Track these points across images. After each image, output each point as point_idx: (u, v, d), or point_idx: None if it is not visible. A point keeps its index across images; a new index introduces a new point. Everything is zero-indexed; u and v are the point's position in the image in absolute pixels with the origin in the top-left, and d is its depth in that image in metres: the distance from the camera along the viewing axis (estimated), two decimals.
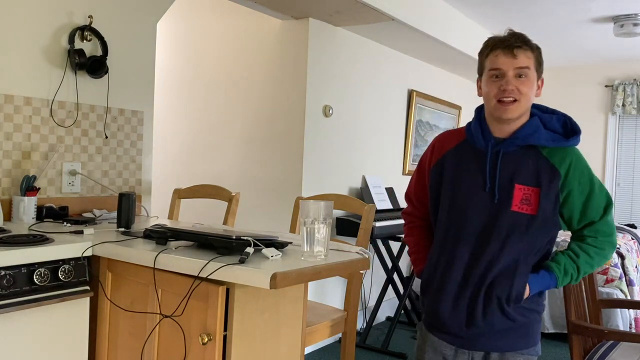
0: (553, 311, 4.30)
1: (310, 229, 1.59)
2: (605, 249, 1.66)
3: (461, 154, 1.70)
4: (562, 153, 1.61)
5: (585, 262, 1.64)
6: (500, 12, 4.38)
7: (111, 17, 2.64)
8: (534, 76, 1.60)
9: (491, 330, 1.64)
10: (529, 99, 1.60)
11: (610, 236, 1.66)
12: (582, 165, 1.62)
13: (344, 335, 2.39)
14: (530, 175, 1.60)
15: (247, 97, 4.02)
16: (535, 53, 1.60)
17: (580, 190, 1.61)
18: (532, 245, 1.62)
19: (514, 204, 1.60)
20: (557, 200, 1.60)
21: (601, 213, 1.64)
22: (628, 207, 6.06)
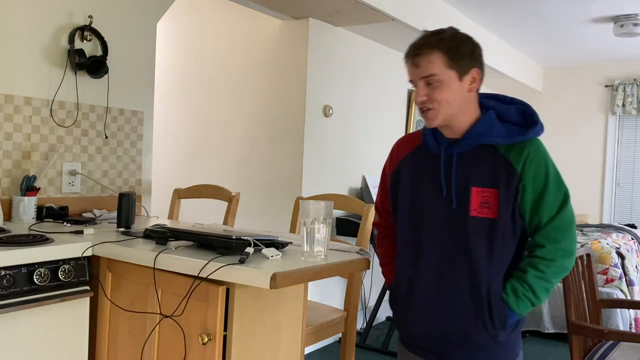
0: (553, 311, 4.30)
1: (310, 229, 1.59)
2: (556, 260, 1.46)
3: (417, 159, 1.60)
4: (519, 147, 1.47)
5: (535, 277, 1.46)
6: (500, 12, 4.38)
7: (111, 17, 2.64)
8: (450, 77, 1.45)
9: (466, 346, 1.53)
10: (449, 102, 1.46)
11: (559, 242, 1.46)
12: (539, 158, 1.47)
13: (344, 335, 2.39)
14: (487, 176, 1.47)
15: (247, 97, 4.02)
16: (443, 52, 1.44)
17: (533, 187, 1.46)
18: (498, 253, 1.48)
19: (472, 209, 1.48)
20: (516, 200, 1.47)
21: (553, 213, 1.47)
22: (628, 207, 6.06)
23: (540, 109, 6.51)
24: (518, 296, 1.48)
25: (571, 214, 1.48)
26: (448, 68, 1.45)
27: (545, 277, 1.46)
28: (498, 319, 1.49)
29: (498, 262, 1.49)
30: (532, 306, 1.49)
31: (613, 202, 6.12)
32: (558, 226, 1.47)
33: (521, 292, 1.48)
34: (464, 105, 1.49)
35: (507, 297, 1.49)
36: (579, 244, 4.45)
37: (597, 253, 4.24)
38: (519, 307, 1.49)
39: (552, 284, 1.48)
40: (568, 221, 1.47)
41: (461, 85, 1.47)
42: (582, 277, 2.71)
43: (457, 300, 1.52)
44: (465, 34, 1.51)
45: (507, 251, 1.50)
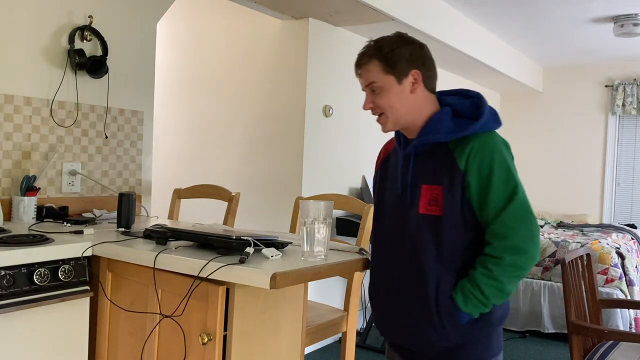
0: (553, 311, 4.31)
1: (310, 229, 1.58)
2: (504, 258, 1.40)
3: (390, 161, 1.65)
4: (464, 143, 1.45)
5: (482, 275, 1.42)
6: (500, 12, 4.38)
7: (111, 17, 2.64)
8: (389, 82, 1.50)
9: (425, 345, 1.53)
10: (393, 107, 1.50)
11: (506, 239, 1.40)
12: (484, 152, 1.43)
13: (344, 335, 2.39)
14: (434, 174, 1.48)
15: (247, 97, 4.02)
16: (378, 58, 1.50)
17: (478, 181, 1.43)
18: (447, 250, 1.47)
19: (422, 206, 1.49)
20: (463, 197, 1.44)
21: (499, 208, 1.41)
22: (628, 207, 6.06)
23: (540, 109, 6.52)
24: (465, 294, 1.45)
25: (521, 209, 1.41)
26: (385, 74, 1.50)
27: (493, 275, 1.41)
28: (447, 318, 1.47)
29: (448, 260, 1.47)
30: (483, 306, 1.44)
31: (613, 202, 6.12)
32: (505, 222, 1.41)
33: (468, 290, 1.44)
34: (411, 107, 1.52)
35: (455, 295, 1.46)
36: (579, 243, 4.46)
37: (597, 253, 4.24)
38: (466, 306, 1.45)
39: (503, 283, 1.41)
40: (517, 217, 1.41)
41: (401, 88, 1.51)
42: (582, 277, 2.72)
43: (408, 300, 1.52)
44: (406, 38, 1.54)
45: (457, 248, 1.47)
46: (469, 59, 4.78)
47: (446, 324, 1.47)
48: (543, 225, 5.67)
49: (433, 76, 1.57)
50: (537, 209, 6.45)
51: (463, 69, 5.35)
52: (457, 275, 1.48)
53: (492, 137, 1.47)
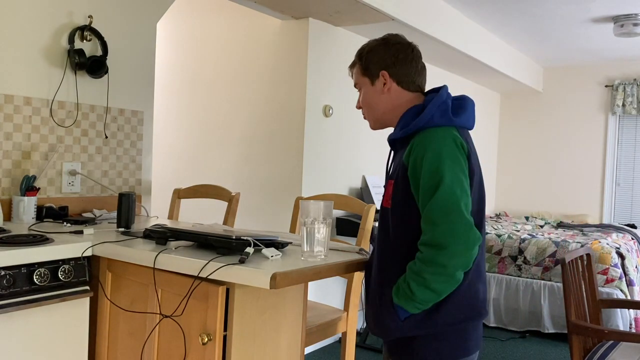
0: (553, 311, 4.31)
1: (310, 229, 1.59)
2: (424, 252, 1.37)
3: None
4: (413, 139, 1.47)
5: (410, 270, 1.40)
6: (500, 12, 4.38)
7: (111, 17, 2.64)
8: (365, 82, 1.61)
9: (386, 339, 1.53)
10: (370, 106, 1.62)
11: (425, 234, 1.38)
12: (420, 148, 1.43)
13: (344, 335, 2.39)
14: (394, 170, 1.54)
15: (247, 97, 4.02)
16: (359, 62, 1.63)
17: (413, 177, 1.44)
18: (393, 241, 1.49)
19: (385, 200, 1.54)
20: (408, 192, 1.45)
21: (425, 201, 1.39)
22: (628, 207, 6.06)
23: (540, 109, 6.52)
24: (397, 288, 1.44)
25: (444, 203, 1.36)
26: (363, 76, 1.63)
27: (415, 269, 1.39)
28: (387, 311, 1.47)
29: (393, 252, 1.49)
30: (413, 302, 1.40)
31: (613, 202, 6.12)
32: (427, 217, 1.38)
33: (400, 284, 1.44)
34: (387, 106, 1.60)
35: (393, 289, 1.46)
36: (579, 243, 4.46)
37: (597, 253, 4.24)
38: (398, 300, 1.43)
39: (426, 279, 1.36)
40: (439, 211, 1.36)
41: (374, 89, 1.61)
42: (582, 277, 2.72)
43: (369, 291, 1.59)
44: (386, 40, 1.62)
45: (401, 242, 1.47)
46: (469, 59, 4.77)
47: (385, 315, 1.47)
48: (543, 225, 5.68)
49: (410, 75, 1.59)
50: (537, 209, 6.45)
51: (463, 69, 5.35)
52: (403, 270, 1.46)
53: (433, 132, 1.45)
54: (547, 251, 4.50)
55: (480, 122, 6.31)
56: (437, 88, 1.61)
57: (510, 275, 4.59)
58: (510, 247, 4.65)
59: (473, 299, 1.48)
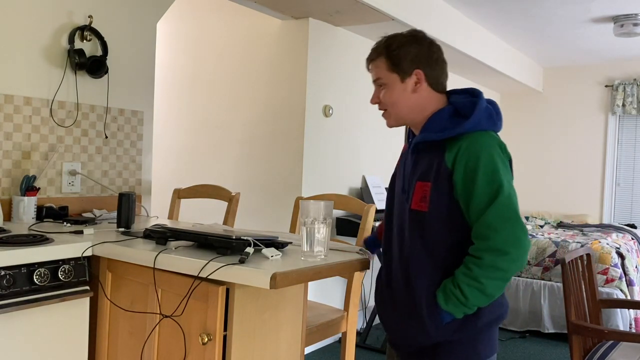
0: (553, 311, 4.31)
1: (310, 229, 1.59)
2: (484, 258, 1.37)
3: (402, 157, 1.67)
4: (455, 142, 1.45)
5: (463, 275, 1.40)
6: (500, 12, 4.38)
7: (111, 17, 2.64)
8: (393, 79, 1.53)
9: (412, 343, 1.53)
10: (396, 103, 1.54)
11: (487, 240, 1.38)
12: (471, 151, 1.42)
13: (344, 335, 2.39)
14: (426, 171, 1.49)
15: (247, 97, 4.02)
16: (385, 56, 1.53)
17: (464, 181, 1.42)
18: (433, 247, 1.47)
19: (414, 202, 1.50)
20: (451, 196, 1.44)
21: (482, 208, 1.40)
22: (628, 207, 6.06)
23: (540, 109, 6.52)
24: (446, 293, 1.43)
25: (505, 209, 1.38)
26: (390, 72, 1.54)
27: (473, 275, 1.38)
28: (429, 315, 1.46)
29: (433, 257, 1.47)
30: (464, 306, 1.42)
31: (613, 202, 6.12)
32: (487, 223, 1.38)
33: (449, 289, 1.43)
34: (414, 105, 1.55)
35: (438, 294, 1.45)
36: (579, 243, 4.46)
37: (597, 253, 4.24)
38: (447, 305, 1.43)
39: (483, 284, 1.38)
40: (500, 218, 1.37)
41: (404, 87, 1.53)
42: (582, 277, 2.72)
43: (397, 295, 1.54)
44: (416, 37, 1.57)
45: (442, 246, 1.47)
46: (469, 59, 4.77)
47: (427, 320, 1.46)
48: (543, 225, 5.68)
49: (440, 76, 1.58)
50: (537, 209, 6.44)
51: (463, 69, 5.35)
52: (443, 273, 1.47)
53: (482, 137, 1.45)
54: (547, 251, 4.50)
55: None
56: (458, 90, 1.61)
57: None
58: None
59: (503, 299, 1.54)
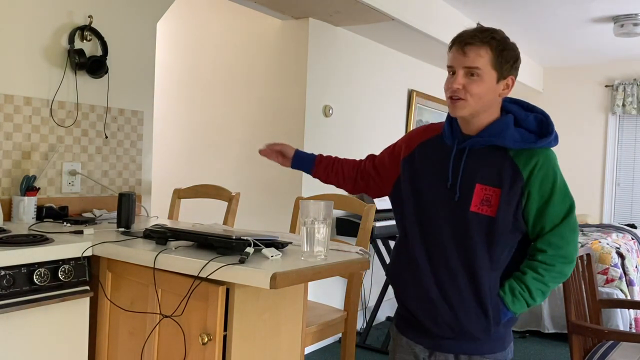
0: (553, 311, 4.30)
1: (310, 229, 1.59)
2: (556, 265, 1.52)
3: (431, 147, 1.64)
4: (529, 154, 1.52)
5: (534, 279, 1.52)
6: (500, 12, 4.38)
7: (111, 17, 2.64)
8: (491, 76, 1.50)
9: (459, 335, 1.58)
10: (481, 99, 1.50)
11: (560, 249, 1.52)
12: (548, 168, 1.52)
13: (344, 335, 2.39)
14: (493, 176, 1.52)
15: (247, 97, 4.02)
16: (493, 49, 1.48)
17: (539, 194, 1.51)
18: (496, 250, 1.53)
19: (473, 204, 1.52)
20: (519, 204, 1.52)
21: (557, 222, 1.52)
22: (628, 207, 6.06)
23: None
24: (515, 295, 1.54)
25: (575, 224, 1.54)
26: (492, 67, 1.50)
27: (544, 280, 1.52)
28: (493, 315, 1.54)
29: (496, 259, 1.54)
30: (527, 307, 1.55)
31: (613, 202, 6.12)
32: (561, 234, 1.52)
33: (518, 292, 1.53)
34: (490, 105, 1.54)
35: (504, 295, 1.54)
36: (579, 243, 4.46)
37: (597, 253, 4.24)
38: (514, 306, 1.54)
39: (549, 287, 1.54)
40: (571, 230, 1.53)
41: (496, 87, 1.52)
42: (582, 277, 2.71)
43: (454, 291, 1.56)
44: (513, 42, 1.55)
45: (505, 250, 1.55)
46: None
47: (492, 320, 1.54)
48: None
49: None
50: None
51: None
52: (500, 275, 1.56)
53: (553, 155, 1.56)
54: None
55: None
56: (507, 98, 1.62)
57: None
58: None
59: None
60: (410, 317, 1.67)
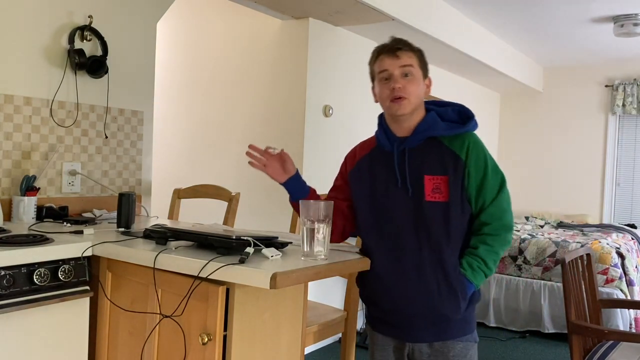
0: (553, 311, 4.31)
1: (310, 229, 1.59)
2: (500, 234, 1.70)
3: (374, 158, 1.81)
4: (460, 139, 1.71)
5: (486, 251, 1.69)
6: (500, 12, 4.38)
7: (111, 17, 2.64)
8: (420, 74, 1.73)
9: (431, 319, 1.71)
10: (417, 96, 1.71)
11: (500, 219, 1.70)
12: (478, 148, 1.70)
13: (344, 335, 2.39)
14: (437, 165, 1.69)
15: (247, 97, 4.02)
16: (417, 54, 1.73)
17: (476, 171, 1.68)
18: (453, 232, 1.68)
19: (426, 194, 1.69)
20: (463, 184, 1.68)
21: (494, 194, 1.69)
22: (628, 207, 6.06)
23: (540, 109, 6.52)
24: (474, 269, 1.69)
25: (508, 195, 1.73)
26: (419, 67, 1.74)
27: (494, 249, 1.70)
28: (460, 290, 1.68)
29: (454, 240, 1.69)
30: (485, 277, 1.71)
31: (613, 202, 6.12)
32: (499, 205, 1.70)
33: (476, 265, 1.69)
34: (421, 103, 1.75)
35: (465, 271, 1.69)
36: (579, 243, 4.46)
37: (597, 253, 4.24)
38: (475, 279, 1.69)
39: (499, 255, 1.71)
40: (507, 201, 1.72)
41: (423, 85, 1.75)
42: (582, 277, 2.71)
43: (422, 276, 1.69)
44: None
45: (459, 230, 1.71)
46: (469, 59, 4.77)
47: (459, 296, 1.68)
48: (543, 225, 5.67)
49: None
50: (537, 209, 6.44)
51: (463, 69, 5.35)
52: (459, 253, 1.71)
53: (478, 137, 1.74)
54: (547, 251, 4.50)
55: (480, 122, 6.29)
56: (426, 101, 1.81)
57: (510, 275, 4.59)
58: (510, 247, 4.65)
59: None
60: (383, 315, 1.79)
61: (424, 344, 1.74)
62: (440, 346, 1.73)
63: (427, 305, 1.69)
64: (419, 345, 1.75)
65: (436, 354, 1.73)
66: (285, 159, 1.84)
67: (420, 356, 1.75)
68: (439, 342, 1.73)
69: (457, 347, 1.73)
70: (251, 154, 1.84)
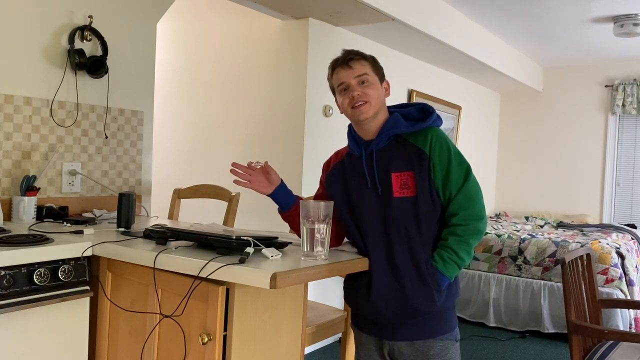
0: (553, 311, 4.31)
1: (310, 229, 1.59)
2: (470, 224, 1.72)
3: (346, 164, 1.88)
4: (423, 134, 1.76)
5: (456, 241, 1.71)
6: (500, 12, 4.38)
7: (111, 17, 2.64)
8: (376, 79, 1.79)
9: (410, 314, 1.73)
10: (376, 98, 1.77)
11: (468, 208, 1.72)
12: (441, 140, 1.75)
13: (344, 335, 2.39)
14: (403, 162, 1.74)
15: (247, 97, 4.02)
16: (369, 61, 1.80)
17: (441, 163, 1.73)
18: (424, 225, 1.72)
19: (395, 191, 1.74)
20: (430, 177, 1.72)
21: (460, 184, 1.73)
22: (628, 207, 6.06)
23: (540, 109, 6.51)
24: (445, 260, 1.72)
25: (476, 184, 1.76)
26: (374, 73, 1.80)
27: (464, 239, 1.71)
28: (432, 283, 1.71)
29: (426, 235, 1.73)
30: (459, 268, 1.73)
31: (613, 202, 6.12)
32: (466, 195, 1.73)
33: (447, 256, 1.72)
34: (383, 105, 1.82)
35: (436, 264, 1.72)
36: (579, 243, 4.46)
37: (597, 253, 4.24)
38: (447, 271, 1.72)
39: (471, 245, 1.72)
40: (474, 190, 1.74)
41: (381, 88, 1.82)
42: (582, 277, 2.72)
43: (396, 272, 1.73)
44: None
45: (431, 224, 1.74)
46: (469, 59, 4.77)
47: (433, 290, 1.71)
48: (543, 225, 5.68)
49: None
50: (537, 209, 6.44)
51: (463, 69, 5.35)
52: (431, 246, 1.75)
53: (441, 131, 1.80)
54: (547, 251, 4.50)
55: (480, 122, 6.31)
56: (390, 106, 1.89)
57: (510, 275, 4.60)
58: (510, 247, 4.66)
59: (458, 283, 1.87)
60: (364, 313, 1.83)
61: (403, 342, 1.77)
62: (419, 345, 1.75)
63: (402, 301, 1.72)
64: (398, 344, 1.78)
65: (416, 353, 1.76)
66: (269, 170, 1.99)
67: (401, 355, 1.78)
68: (418, 341, 1.76)
69: (437, 346, 1.75)
70: (235, 171, 1.99)
